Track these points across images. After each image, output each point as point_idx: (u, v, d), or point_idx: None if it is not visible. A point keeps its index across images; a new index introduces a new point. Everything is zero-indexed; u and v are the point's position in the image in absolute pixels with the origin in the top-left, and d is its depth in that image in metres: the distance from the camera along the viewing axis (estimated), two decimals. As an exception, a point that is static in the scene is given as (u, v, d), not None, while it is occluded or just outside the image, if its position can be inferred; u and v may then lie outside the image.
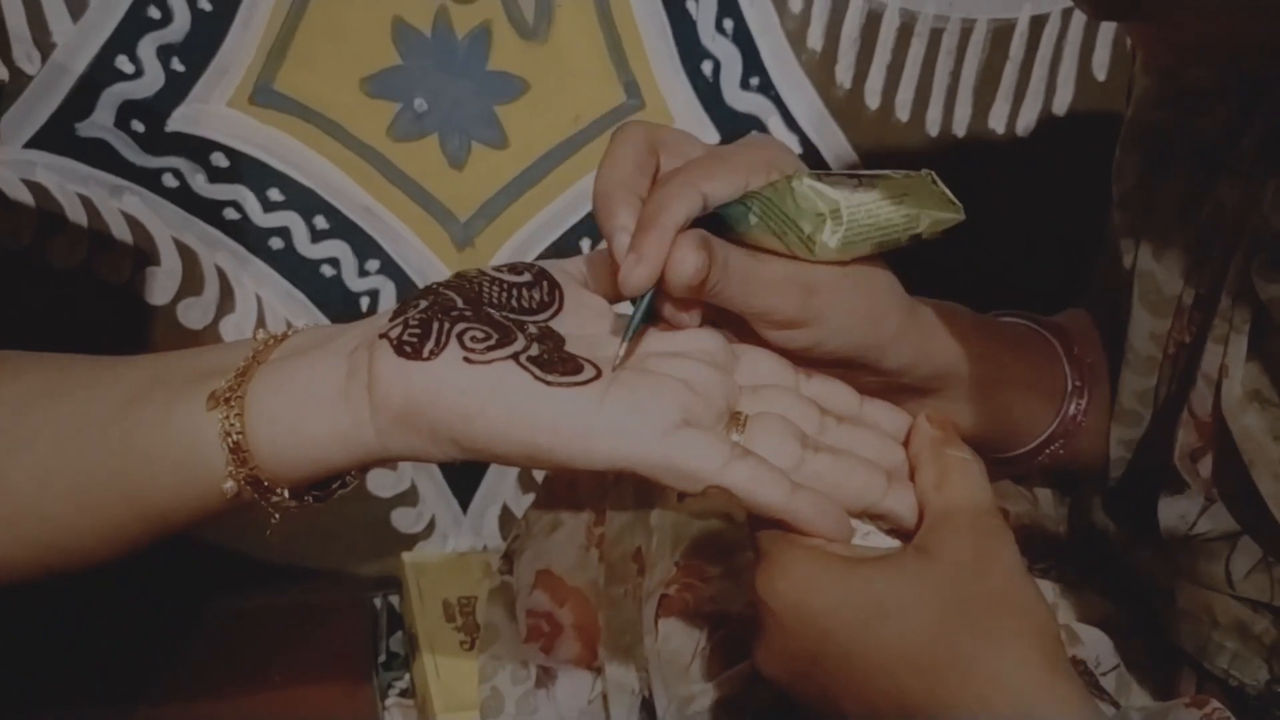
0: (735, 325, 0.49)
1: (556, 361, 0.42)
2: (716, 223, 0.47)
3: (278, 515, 0.46)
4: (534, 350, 0.43)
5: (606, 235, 0.46)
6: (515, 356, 0.42)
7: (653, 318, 0.47)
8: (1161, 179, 0.57)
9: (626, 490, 0.70)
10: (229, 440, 0.43)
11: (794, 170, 0.48)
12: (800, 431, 0.45)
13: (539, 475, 0.90)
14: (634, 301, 0.46)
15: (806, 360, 0.49)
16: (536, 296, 0.47)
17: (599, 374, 0.43)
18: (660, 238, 0.44)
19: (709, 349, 0.47)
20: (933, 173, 0.47)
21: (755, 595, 0.44)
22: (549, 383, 0.42)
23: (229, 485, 0.44)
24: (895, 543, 0.46)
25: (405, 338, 0.42)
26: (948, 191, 0.47)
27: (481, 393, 0.41)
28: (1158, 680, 0.60)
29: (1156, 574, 0.58)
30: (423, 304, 0.44)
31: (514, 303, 0.46)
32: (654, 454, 0.42)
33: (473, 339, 0.42)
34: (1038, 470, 0.63)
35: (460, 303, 0.44)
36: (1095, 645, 0.60)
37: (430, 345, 0.42)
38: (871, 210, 0.47)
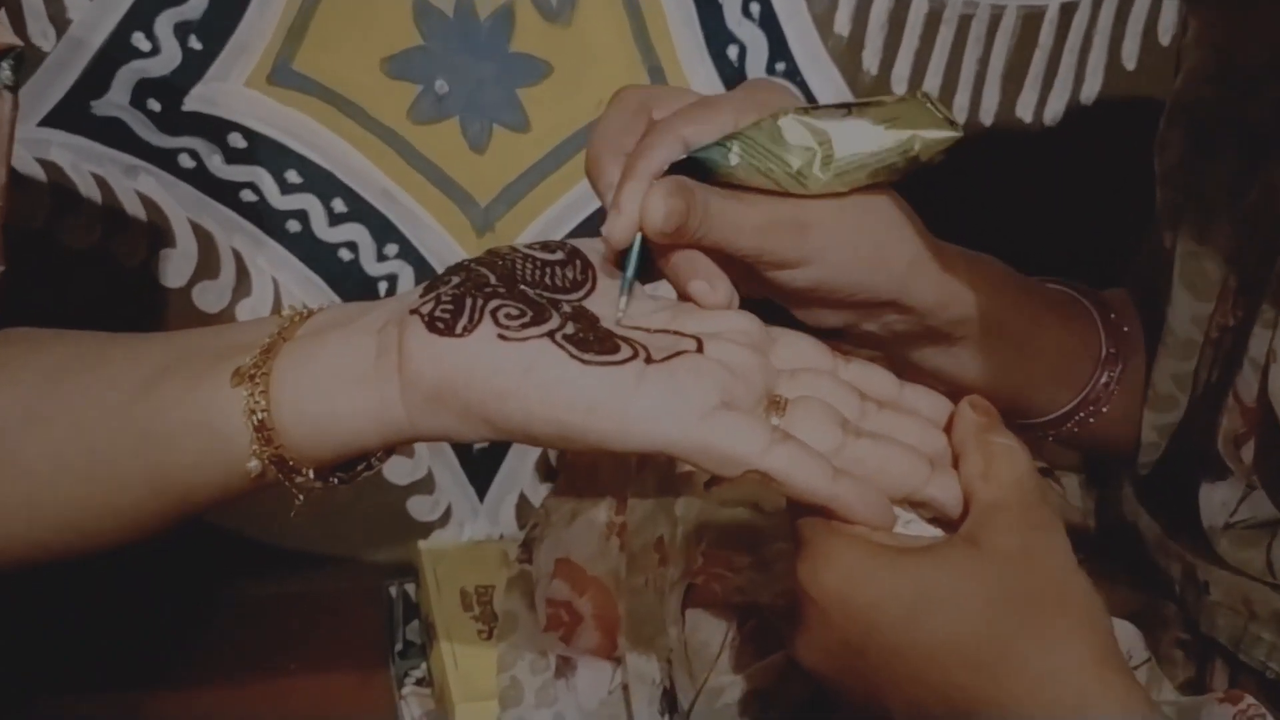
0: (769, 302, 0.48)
1: (593, 340, 0.41)
2: (699, 167, 0.46)
3: (302, 497, 0.45)
4: (569, 329, 0.41)
5: (599, 195, 0.46)
6: (550, 334, 0.41)
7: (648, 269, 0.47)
8: (1207, 157, 0.56)
9: (648, 478, 0.69)
10: (254, 418, 0.42)
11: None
12: (841, 416, 0.44)
13: (556, 463, 0.89)
14: (625, 255, 0.46)
15: (819, 300, 0.48)
16: (570, 275, 0.46)
17: (636, 354, 0.41)
18: (636, 187, 0.44)
19: (746, 330, 0.45)
20: (926, 93, 0.47)
21: (797, 585, 0.43)
22: (585, 361, 0.40)
23: (253, 465, 0.43)
24: (937, 531, 0.45)
25: (438, 314, 0.41)
26: (942, 109, 0.46)
27: (516, 371, 0.40)
28: (1189, 674, 0.59)
29: (1192, 564, 0.57)
30: (455, 280, 0.43)
31: (547, 281, 0.45)
32: (692, 436, 0.40)
33: (507, 316, 0.41)
34: (1062, 440, 0.61)
35: (493, 279, 0.43)
36: (1126, 639, 0.59)
37: (464, 322, 0.41)
38: (863, 137, 0.46)
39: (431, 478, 0.97)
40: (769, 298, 0.49)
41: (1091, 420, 0.59)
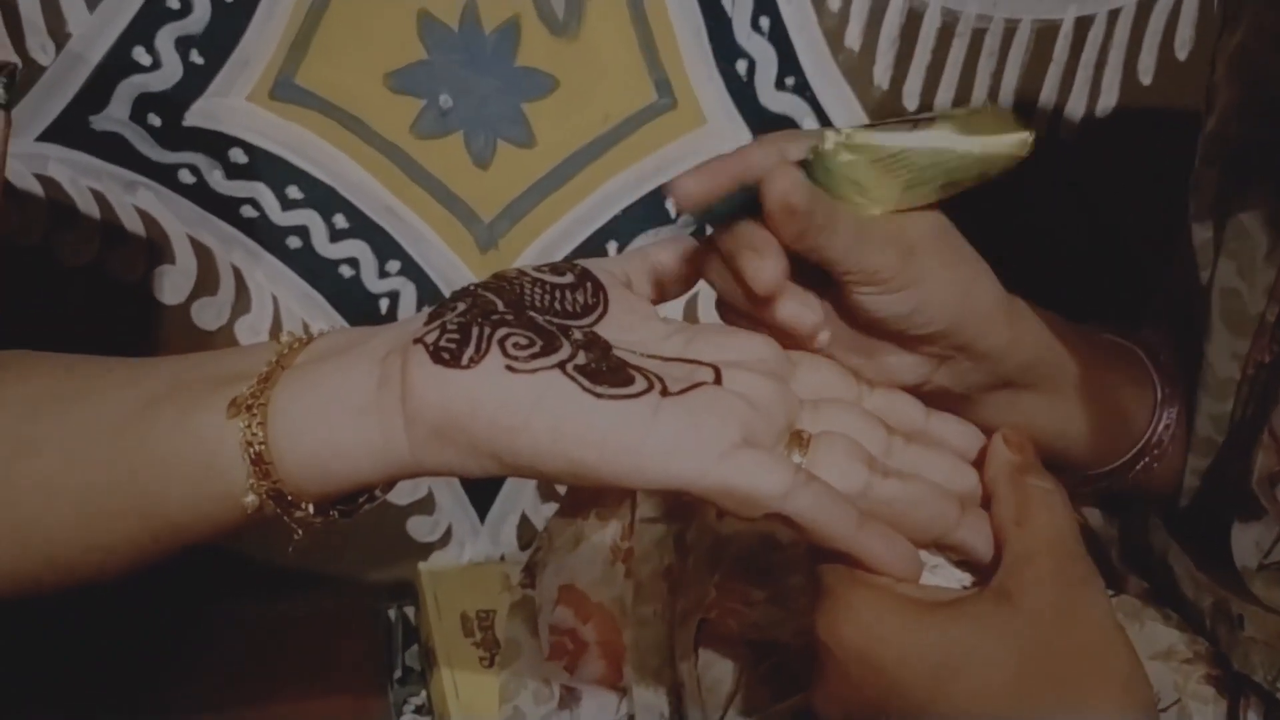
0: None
1: (606, 371, 0.39)
2: None
3: (300, 531, 0.43)
4: (581, 359, 0.40)
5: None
6: (561, 365, 0.39)
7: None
8: (1245, 193, 0.54)
9: (657, 502, 0.67)
10: (250, 451, 0.41)
11: None
12: (867, 454, 0.42)
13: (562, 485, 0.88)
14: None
15: (897, 336, 0.47)
16: (580, 299, 0.44)
17: (651, 386, 0.39)
18: (724, 163, 0.44)
19: (766, 358, 0.43)
20: (995, 104, 0.45)
21: (816, 636, 0.41)
22: (598, 394, 0.39)
23: (250, 499, 0.41)
24: (966, 576, 0.43)
25: (442, 343, 0.39)
26: (1013, 119, 0.45)
27: (525, 404, 0.38)
28: (1221, 711, 0.57)
29: (1225, 598, 0.55)
30: (461, 306, 0.41)
31: (557, 306, 0.43)
32: (711, 476, 0.39)
33: (515, 345, 0.39)
34: (1127, 490, 0.60)
35: (501, 306, 0.41)
36: (1153, 681, 0.57)
37: (470, 352, 0.39)
38: (931, 150, 0.45)
39: (432, 498, 0.95)
40: (840, 344, 0.47)
41: (1155, 465, 0.57)
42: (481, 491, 0.97)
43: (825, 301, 0.46)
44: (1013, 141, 0.45)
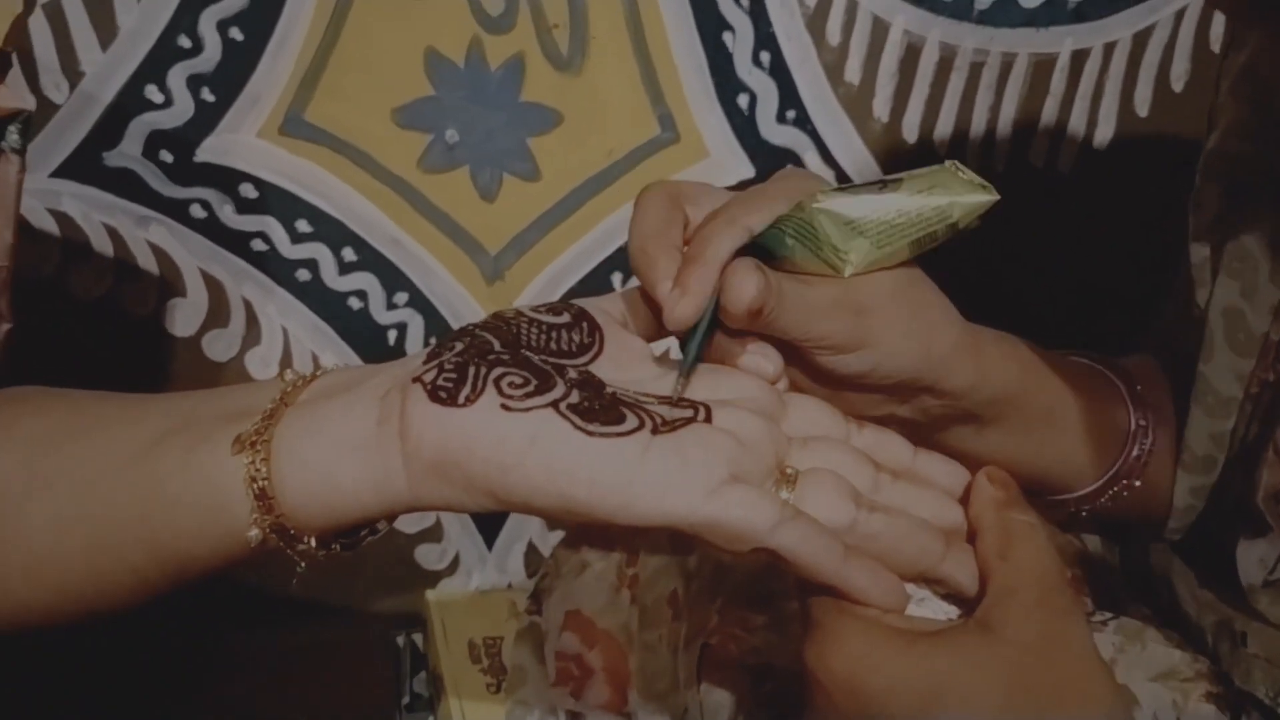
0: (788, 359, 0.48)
1: (598, 410, 0.40)
2: (756, 253, 0.46)
3: (303, 564, 0.44)
4: (574, 397, 0.41)
5: (649, 286, 0.45)
6: (555, 404, 0.40)
7: (702, 356, 0.46)
8: (1247, 212, 0.55)
9: (661, 530, 0.68)
10: (255, 486, 0.42)
11: None
12: (854, 490, 0.43)
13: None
14: (685, 338, 0.45)
15: (864, 386, 0.47)
16: (576, 339, 0.45)
17: (642, 424, 0.40)
18: (705, 271, 0.43)
19: (757, 397, 0.44)
20: (956, 161, 0.46)
21: (805, 666, 0.42)
22: (590, 433, 0.40)
23: (254, 534, 0.42)
24: (952, 609, 0.44)
25: (440, 382, 0.40)
26: (975, 176, 0.46)
27: (519, 442, 0.39)
28: (1221, 731, 0.57)
29: (1229, 616, 0.55)
30: (458, 346, 0.42)
31: (553, 345, 0.44)
32: (699, 512, 0.39)
33: (510, 385, 0.40)
34: (1096, 515, 0.60)
35: (497, 345, 0.42)
36: (1152, 702, 0.57)
37: (466, 391, 0.40)
38: (900, 209, 0.46)
39: (440, 526, 0.96)
40: (807, 390, 0.48)
41: (1125, 494, 0.58)
42: (489, 520, 0.98)
43: (793, 354, 0.47)
44: (978, 201, 0.46)
